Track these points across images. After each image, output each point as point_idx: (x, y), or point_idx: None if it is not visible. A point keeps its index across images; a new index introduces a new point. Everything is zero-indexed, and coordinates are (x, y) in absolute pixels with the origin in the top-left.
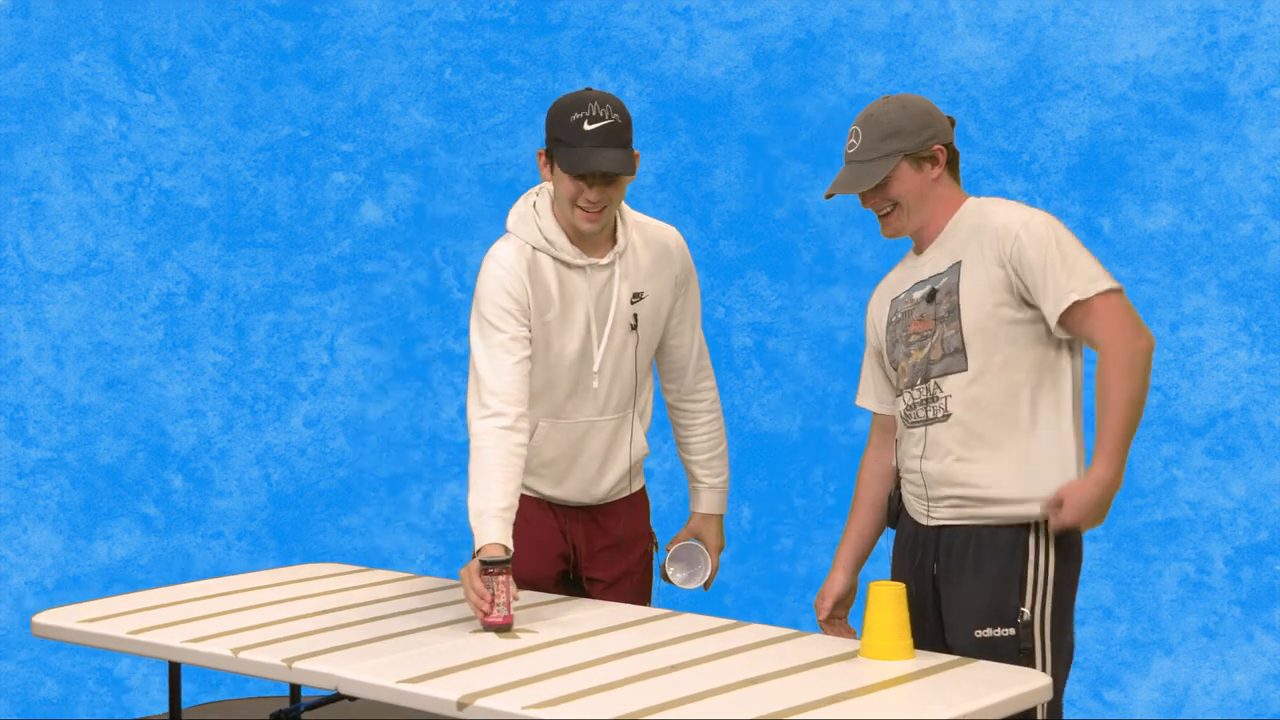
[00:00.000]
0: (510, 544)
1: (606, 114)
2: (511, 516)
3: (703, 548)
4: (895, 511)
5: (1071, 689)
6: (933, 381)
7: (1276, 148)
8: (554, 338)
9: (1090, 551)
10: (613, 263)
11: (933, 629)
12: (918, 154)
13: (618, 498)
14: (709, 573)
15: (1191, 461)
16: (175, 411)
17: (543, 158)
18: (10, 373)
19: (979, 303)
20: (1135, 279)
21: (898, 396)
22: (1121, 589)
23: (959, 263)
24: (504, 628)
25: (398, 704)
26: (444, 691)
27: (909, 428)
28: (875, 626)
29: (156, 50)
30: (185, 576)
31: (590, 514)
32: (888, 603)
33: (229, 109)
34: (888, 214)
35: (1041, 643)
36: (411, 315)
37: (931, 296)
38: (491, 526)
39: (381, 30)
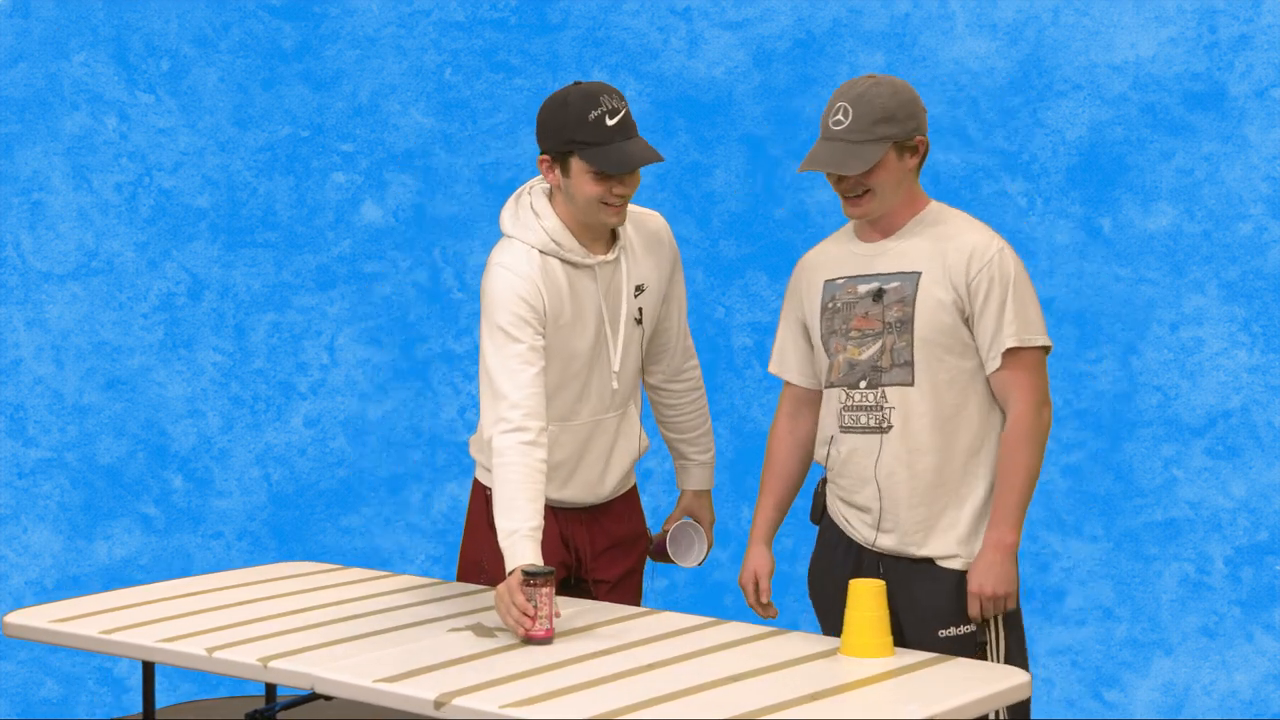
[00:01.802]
0: (542, 563)
1: (619, 104)
2: (540, 535)
3: (698, 526)
4: (821, 508)
5: (1071, 689)
6: (881, 390)
7: (1276, 148)
8: (566, 341)
9: (1090, 551)
10: (618, 258)
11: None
12: (904, 143)
13: (617, 495)
14: (706, 549)
15: (1191, 461)
16: (175, 411)
17: (547, 164)
18: (10, 373)
19: (934, 320)
20: (1135, 279)
21: (827, 388)
22: (1121, 589)
23: (919, 274)
24: (545, 641)
25: (374, 703)
26: (421, 690)
27: (845, 431)
28: (855, 624)
29: (156, 50)
30: (184, 577)
31: (591, 515)
32: (868, 600)
33: (229, 109)
34: (860, 196)
35: (995, 634)
36: (411, 315)
37: (879, 295)
38: (524, 546)
39: (381, 30)
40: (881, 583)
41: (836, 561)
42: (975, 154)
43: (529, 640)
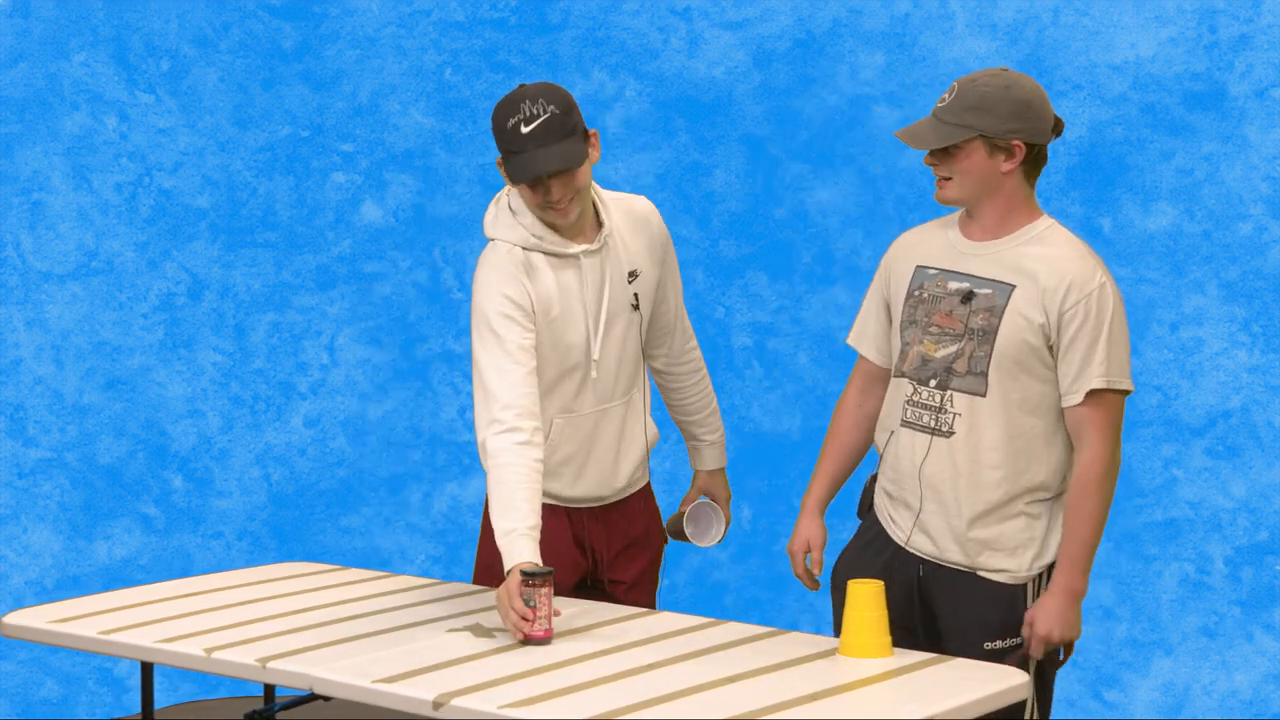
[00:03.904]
0: (540, 561)
1: (540, 110)
2: (538, 535)
3: (714, 504)
4: (868, 504)
5: (1071, 689)
6: (949, 393)
7: (1276, 148)
8: (560, 334)
9: None
10: (603, 246)
11: (915, 632)
12: (995, 140)
13: (632, 491)
14: (724, 527)
15: (1191, 461)
16: (175, 411)
17: (501, 166)
18: (10, 373)
19: (1016, 338)
20: (1135, 279)
21: (896, 376)
22: (1121, 589)
23: (1013, 288)
24: (544, 641)
25: (373, 704)
26: (420, 691)
27: (904, 425)
28: (854, 624)
29: (156, 50)
30: (184, 577)
31: (606, 513)
32: (866, 600)
33: (229, 109)
34: (944, 181)
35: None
36: (411, 315)
37: (968, 298)
38: (522, 545)
39: (381, 30)
40: (880, 583)
41: (871, 559)
42: None
43: (528, 641)
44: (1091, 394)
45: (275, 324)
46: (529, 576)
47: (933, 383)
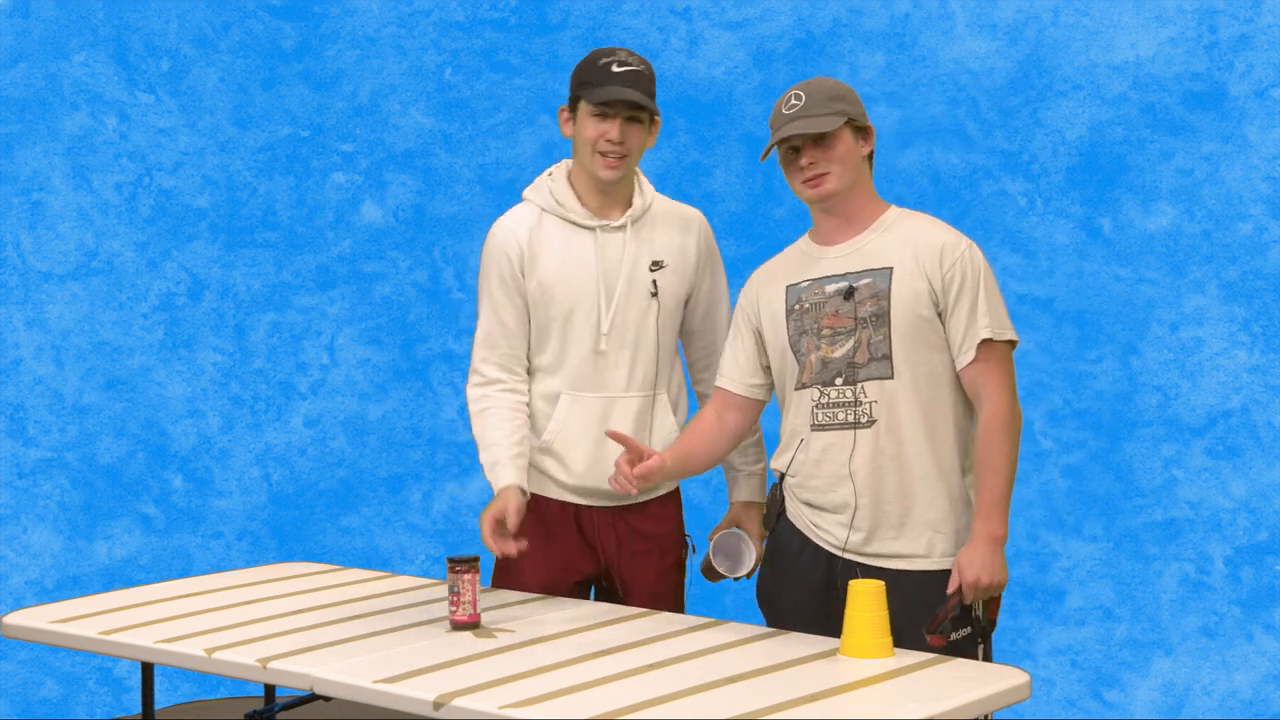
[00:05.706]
0: (526, 485)
1: (636, 63)
2: (524, 463)
3: (745, 535)
4: (776, 514)
5: (1071, 689)
6: (859, 385)
7: (1276, 148)
8: (563, 298)
9: (1090, 551)
10: (625, 225)
11: None
12: (857, 124)
13: (652, 495)
14: (755, 560)
15: (1191, 461)
16: (175, 411)
17: (564, 113)
18: (10, 373)
19: (910, 313)
20: (1135, 279)
21: (797, 390)
22: (1121, 589)
23: (890, 269)
24: (471, 625)
25: (373, 704)
26: (420, 691)
27: (818, 429)
28: (854, 624)
29: (156, 50)
30: (184, 577)
31: (621, 515)
32: (868, 600)
33: (229, 109)
34: (822, 175)
35: (975, 620)
36: (411, 315)
37: (849, 294)
38: (505, 472)
39: (381, 30)
40: (881, 583)
41: (802, 568)
42: (975, 154)
43: (454, 625)
44: (982, 348)
45: (275, 324)
46: (453, 562)
47: (839, 380)
